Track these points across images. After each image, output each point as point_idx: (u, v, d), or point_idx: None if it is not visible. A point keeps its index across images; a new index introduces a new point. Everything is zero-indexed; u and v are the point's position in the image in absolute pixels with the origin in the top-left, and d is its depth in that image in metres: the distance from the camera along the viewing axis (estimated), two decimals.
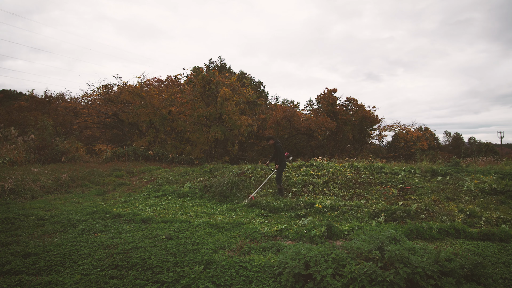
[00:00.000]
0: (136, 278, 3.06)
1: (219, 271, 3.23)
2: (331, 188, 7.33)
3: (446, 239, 4.52)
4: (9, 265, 3.28)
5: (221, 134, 15.90)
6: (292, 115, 22.39)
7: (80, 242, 4.09)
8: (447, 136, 51.02)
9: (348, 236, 4.60)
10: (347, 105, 25.11)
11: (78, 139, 17.71)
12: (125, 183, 9.48)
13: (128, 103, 18.73)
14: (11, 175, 7.97)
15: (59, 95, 22.76)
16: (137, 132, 20.17)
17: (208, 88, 16.62)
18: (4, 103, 24.09)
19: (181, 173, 10.31)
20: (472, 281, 2.91)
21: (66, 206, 6.40)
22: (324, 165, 9.17)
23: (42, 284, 2.89)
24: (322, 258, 2.98)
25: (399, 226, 4.82)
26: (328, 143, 23.94)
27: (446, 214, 5.46)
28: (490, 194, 6.48)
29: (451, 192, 6.66)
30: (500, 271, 3.34)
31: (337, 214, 5.67)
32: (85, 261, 3.46)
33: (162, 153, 15.81)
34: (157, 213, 6.12)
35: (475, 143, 51.06)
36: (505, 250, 4.00)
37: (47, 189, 8.02)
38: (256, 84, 33.22)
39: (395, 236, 3.52)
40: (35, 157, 12.19)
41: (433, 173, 7.90)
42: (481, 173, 7.88)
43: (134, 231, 4.67)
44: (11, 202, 6.61)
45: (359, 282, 2.68)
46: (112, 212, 5.80)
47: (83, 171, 10.34)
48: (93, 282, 2.95)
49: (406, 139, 26.19)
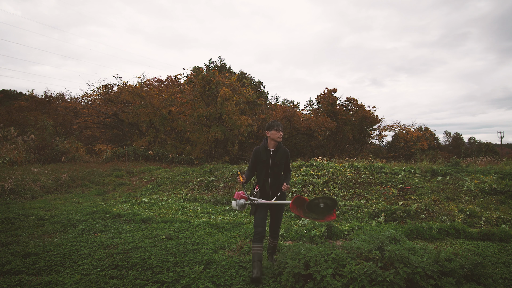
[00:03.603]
0: (136, 278, 3.06)
1: (219, 271, 3.23)
2: (331, 188, 7.33)
3: (446, 239, 4.52)
4: (9, 265, 3.28)
5: (221, 134, 15.89)
6: (292, 115, 22.38)
7: (80, 242, 4.09)
8: (447, 136, 51.01)
9: (348, 236, 4.60)
10: (347, 105, 25.12)
11: (78, 139, 17.70)
12: (125, 183, 9.48)
13: (128, 103, 18.72)
14: (11, 175, 7.96)
15: (59, 95, 22.74)
16: (137, 132, 20.17)
17: (208, 88, 16.61)
18: (4, 103, 24.08)
19: (181, 173, 10.30)
20: (472, 281, 2.91)
21: (66, 206, 6.40)
22: (324, 165, 9.17)
23: (42, 284, 2.89)
24: (322, 258, 2.98)
25: (399, 226, 4.81)
26: (328, 143, 23.94)
27: (446, 214, 5.46)
28: (490, 194, 6.48)
29: (451, 192, 6.66)
30: (500, 271, 3.34)
31: (337, 214, 5.67)
32: (85, 261, 3.45)
33: (162, 153, 15.80)
34: (157, 213, 6.11)
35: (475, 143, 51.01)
36: (505, 250, 4.00)
37: (47, 189, 8.02)
38: (256, 84, 33.21)
39: (395, 236, 3.52)
40: (35, 157, 12.19)
41: (433, 173, 7.90)
42: (481, 173, 7.88)
43: (134, 231, 4.67)
44: (11, 202, 6.60)
45: (359, 282, 2.68)
46: (112, 212, 5.80)
47: (83, 171, 10.34)
48: (93, 282, 2.95)
49: (406, 139, 26.17)
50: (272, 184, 3.34)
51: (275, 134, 3.28)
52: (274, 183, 3.34)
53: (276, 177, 3.34)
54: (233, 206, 3.28)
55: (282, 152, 3.34)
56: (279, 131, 3.30)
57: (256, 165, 3.38)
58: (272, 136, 3.30)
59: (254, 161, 3.37)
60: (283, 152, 3.34)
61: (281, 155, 3.32)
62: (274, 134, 3.28)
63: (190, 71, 21.37)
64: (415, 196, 6.53)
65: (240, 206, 3.24)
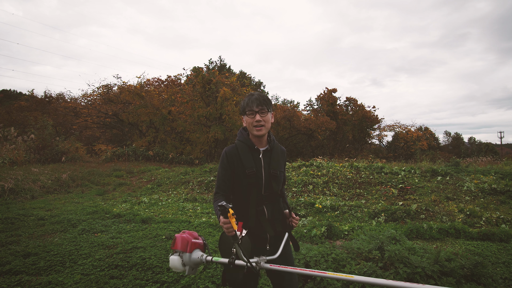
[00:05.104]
0: (136, 278, 3.06)
1: (219, 271, 3.23)
2: (331, 188, 7.33)
3: (446, 239, 4.52)
4: (9, 265, 3.28)
5: (221, 134, 15.90)
6: (292, 115, 22.37)
7: (80, 242, 4.09)
8: (447, 136, 51.04)
9: (348, 236, 4.60)
10: (347, 105, 25.13)
11: (78, 139, 17.72)
12: (125, 183, 9.48)
13: (128, 103, 18.73)
14: (11, 175, 7.97)
15: (59, 95, 22.78)
16: (137, 132, 20.17)
17: (208, 88, 16.62)
18: (4, 103, 24.10)
19: (181, 173, 10.30)
20: (472, 281, 2.91)
21: (66, 206, 6.40)
22: (324, 165, 9.17)
23: (42, 284, 2.89)
24: (322, 258, 2.98)
25: (399, 226, 4.81)
26: (328, 143, 23.94)
27: (446, 214, 5.46)
28: (490, 194, 6.48)
29: (451, 192, 6.66)
30: (500, 271, 3.34)
31: (337, 214, 5.67)
32: (85, 261, 3.46)
33: (162, 153, 15.81)
34: (157, 213, 6.12)
35: (475, 143, 51.02)
36: (505, 250, 4.00)
37: (47, 189, 8.02)
38: (256, 84, 33.23)
39: (395, 236, 3.52)
40: (35, 157, 12.20)
41: (433, 173, 7.90)
42: (481, 173, 7.88)
43: (134, 231, 4.67)
44: (11, 202, 6.60)
45: None
46: (112, 212, 5.81)
47: (83, 171, 10.34)
48: (93, 282, 2.95)
49: (406, 139, 26.17)
50: (270, 215, 1.77)
51: (248, 121, 1.74)
52: (273, 212, 1.79)
53: (274, 202, 1.81)
54: (175, 266, 1.51)
55: (278, 152, 1.84)
56: (254, 114, 1.70)
57: (235, 182, 1.75)
58: (248, 123, 1.76)
59: (229, 174, 1.75)
60: (280, 152, 1.86)
61: (278, 159, 1.81)
62: (248, 121, 1.74)
63: (190, 71, 21.38)
64: (415, 196, 6.53)
65: (192, 266, 1.53)
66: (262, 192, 1.75)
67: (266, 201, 1.77)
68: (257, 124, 1.71)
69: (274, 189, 1.77)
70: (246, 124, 1.78)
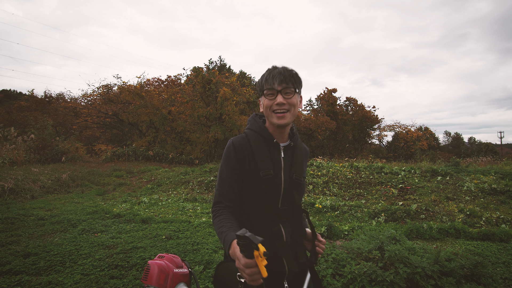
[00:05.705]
0: (136, 278, 3.06)
1: None
2: (331, 188, 7.33)
3: (446, 239, 4.52)
4: (9, 265, 3.28)
5: (221, 134, 15.91)
6: None
7: (80, 242, 4.09)
8: (447, 136, 51.06)
9: (348, 236, 4.60)
10: (347, 105, 25.14)
11: (78, 139, 17.71)
12: (125, 183, 9.48)
13: (128, 103, 18.73)
14: (11, 175, 7.97)
15: (59, 95, 22.77)
16: (137, 132, 20.18)
17: (208, 88, 16.63)
18: (4, 103, 24.09)
19: (181, 173, 10.31)
20: (472, 281, 2.91)
21: (66, 206, 6.40)
22: (324, 165, 9.17)
23: (42, 284, 2.89)
24: (322, 258, 2.98)
25: (399, 226, 4.82)
26: (328, 143, 23.95)
27: (446, 214, 5.46)
28: (490, 194, 6.48)
29: (451, 192, 6.66)
30: (500, 271, 3.34)
31: (337, 214, 5.67)
32: (85, 261, 3.46)
33: (162, 153, 15.82)
34: (157, 213, 6.12)
35: (475, 143, 51.03)
36: (505, 250, 4.00)
37: (47, 189, 8.02)
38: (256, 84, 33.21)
39: (395, 236, 3.52)
40: (35, 157, 12.20)
41: (433, 173, 7.90)
42: (481, 173, 7.88)
43: (134, 231, 4.67)
44: (11, 202, 6.60)
45: (359, 282, 2.68)
46: (112, 212, 5.81)
47: (83, 171, 10.34)
48: (93, 282, 2.95)
49: (406, 139, 26.17)
50: (289, 239, 1.28)
51: (267, 104, 1.27)
52: (293, 235, 1.30)
53: (295, 220, 1.33)
54: None
55: (302, 153, 1.40)
56: (275, 94, 1.24)
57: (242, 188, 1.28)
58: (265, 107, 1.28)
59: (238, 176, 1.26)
60: (304, 153, 1.41)
61: (302, 161, 1.37)
62: (266, 104, 1.27)
63: (190, 71, 21.38)
64: (415, 196, 6.53)
65: None
66: (278, 205, 1.26)
67: (283, 218, 1.27)
68: (278, 109, 1.23)
69: (296, 202, 1.28)
70: (263, 108, 1.29)
